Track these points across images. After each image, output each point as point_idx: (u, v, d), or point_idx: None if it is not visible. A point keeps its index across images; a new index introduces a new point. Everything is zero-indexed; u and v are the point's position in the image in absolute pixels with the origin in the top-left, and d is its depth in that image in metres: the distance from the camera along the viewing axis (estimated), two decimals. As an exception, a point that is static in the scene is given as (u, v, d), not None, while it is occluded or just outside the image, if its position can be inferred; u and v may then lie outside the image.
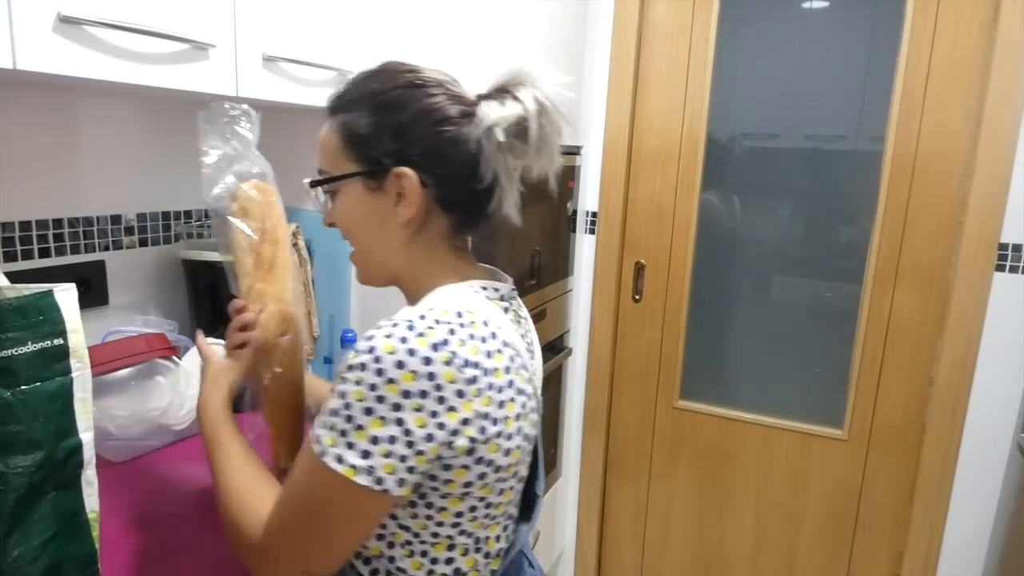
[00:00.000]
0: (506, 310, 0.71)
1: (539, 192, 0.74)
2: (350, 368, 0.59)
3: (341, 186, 0.73)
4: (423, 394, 0.58)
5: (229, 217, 0.83)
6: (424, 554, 0.67)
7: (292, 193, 1.50)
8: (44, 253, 1.18)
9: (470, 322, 0.63)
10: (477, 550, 0.69)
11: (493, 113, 0.66)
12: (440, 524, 0.65)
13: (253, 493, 0.69)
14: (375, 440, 0.58)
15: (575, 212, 1.89)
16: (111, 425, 1.07)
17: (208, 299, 1.36)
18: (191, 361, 1.26)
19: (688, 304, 1.91)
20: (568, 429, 2.06)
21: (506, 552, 0.73)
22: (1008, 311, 1.55)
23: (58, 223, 1.19)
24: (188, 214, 1.45)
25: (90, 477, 0.73)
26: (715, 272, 1.89)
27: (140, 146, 1.33)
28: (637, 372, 2.00)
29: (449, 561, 0.68)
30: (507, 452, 0.64)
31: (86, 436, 0.72)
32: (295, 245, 1.43)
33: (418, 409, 0.58)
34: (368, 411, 0.58)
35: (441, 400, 0.59)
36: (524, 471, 0.72)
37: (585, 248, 1.97)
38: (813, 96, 1.72)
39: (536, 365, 0.76)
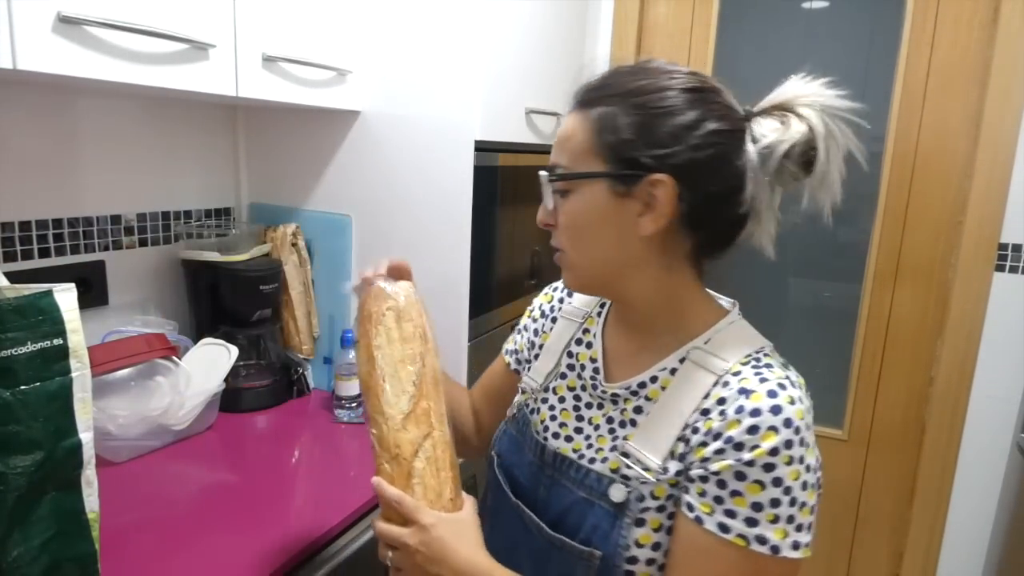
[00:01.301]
0: None
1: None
2: (775, 452, 0.55)
3: (581, 185, 0.64)
4: (819, 459, 0.59)
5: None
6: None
7: (293, 193, 1.50)
8: (44, 253, 1.18)
9: (782, 363, 0.62)
10: None
11: (773, 134, 0.60)
12: None
13: None
14: (812, 510, 0.58)
15: (575, 212, 1.89)
16: (111, 425, 1.07)
17: (208, 299, 1.36)
18: (191, 361, 1.26)
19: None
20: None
21: None
22: (1008, 311, 1.55)
23: (58, 223, 1.19)
24: (188, 214, 1.45)
25: (90, 477, 0.73)
26: (715, 272, 1.89)
27: (140, 146, 1.33)
28: (637, 372, 2.00)
29: None
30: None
31: (86, 436, 0.72)
32: (294, 245, 1.43)
33: (816, 470, 0.58)
34: (804, 485, 0.56)
35: (819, 459, 0.59)
36: None
37: (585, 248, 1.96)
38: (813, 96, 1.72)
39: None
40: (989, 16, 1.51)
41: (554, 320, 0.82)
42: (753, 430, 0.55)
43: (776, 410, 0.55)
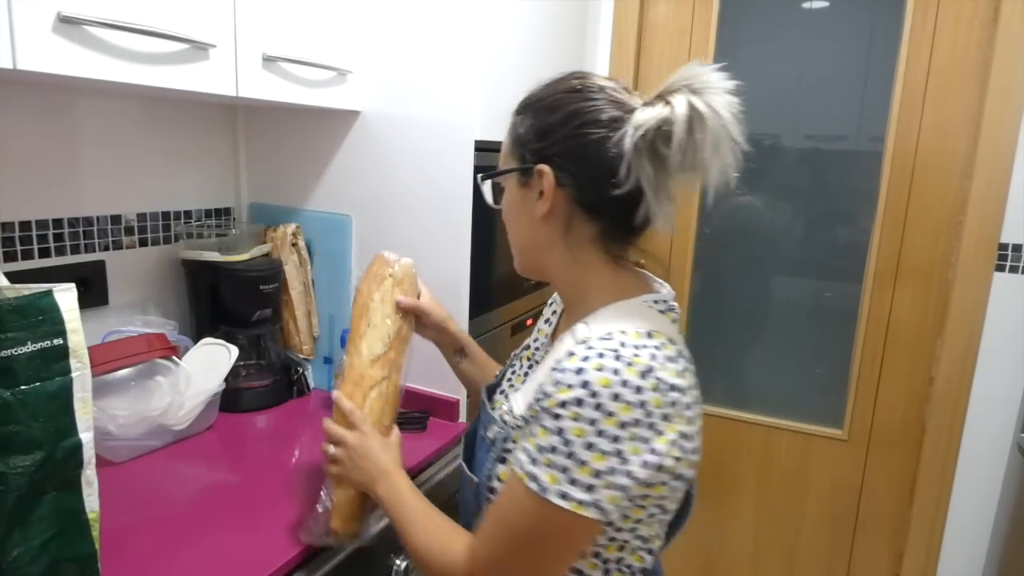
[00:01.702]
0: (674, 321, 0.72)
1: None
2: (563, 404, 0.61)
3: (505, 180, 0.76)
4: (636, 423, 0.60)
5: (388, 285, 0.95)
6: (597, 555, 0.69)
7: (293, 193, 1.50)
8: (44, 253, 1.18)
9: (661, 343, 0.64)
10: (646, 549, 0.71)
11: (640, 116, 0.65)
12: (619, 529, 0.67)
13: (447, 533, 0.73)
14: (598, 474, 0.60)
15: (575, 212, 1.89)
16: (111, 425, 1.07)
17: (208, 299, 1.36)
18: (191, 361, 1.26)
19: (688, 304, 1.91)
20: (568, 429, 2.06)
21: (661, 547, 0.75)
22: (1008, 311, 1.55)
23: (58, 223, 1.20)
24: (188, 214, 1.45)
25: (90, 477, 0.73)
26: (715, 272, 1.89)
27: (140, 146, 1.33)
28: (637, 372, 2.00)
29: (619, 560, 0.70)
30: (693, 465, 0.66)
31: (86, 436, 0.72)
32: (294, 245, 1.43)
33: (633, 439, 0.60)
34: (589, 446, 0.60)
35: (651, 427, 0.60)
36: None
37: (585, 248, 1.96)
38: (813, 96, 1.72)
39: None
40: (989, 16, 1.51)
41: (553, 312, 0.92)
42: (556, 383, 0.62)
43: (579, 371, 0.61)
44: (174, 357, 1.23)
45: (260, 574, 0.84)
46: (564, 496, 0.60)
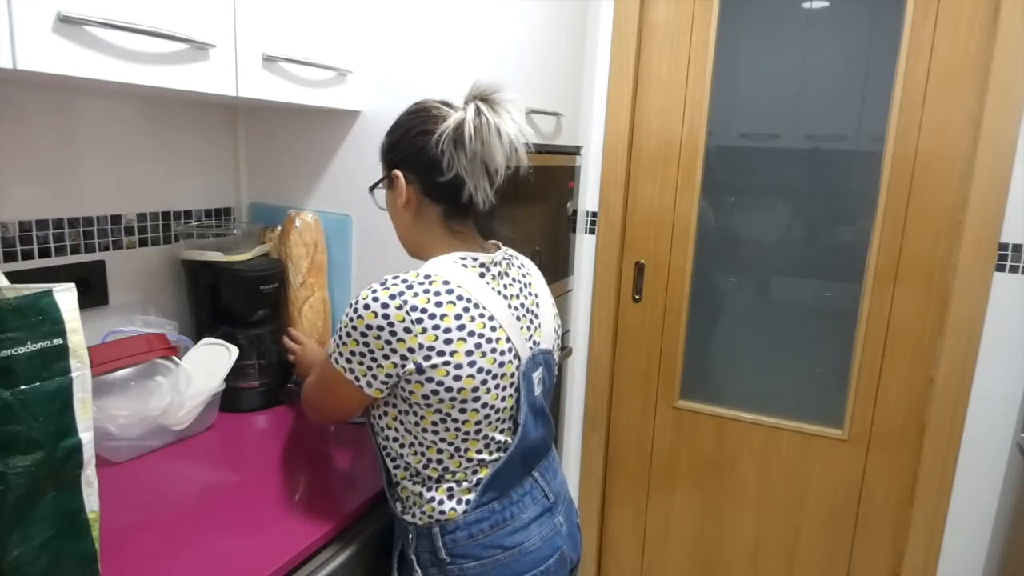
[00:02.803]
0: (482, 275, 0.90)
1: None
2: (348, 306, 0.86)
3: (382, 187, 1.00)
4: (379, 328, 0.83)
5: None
6: (422, 454, 0.91)
7: (293, 193, 1.50)
8: (44, 253, 1.18)
9: (431, 281, 0.86)
10: (459, 455, 0.90)
11: (447, 121, 0.88)
12: (424, 431, 0.89)
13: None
14: (352, 354, 0.86)
15: (575, 212, 1.89)
16: (111, 425, 1.07)
17: (208, 299, 1.36)
18: (191, 361, 1.26)
19: (688, 304, 1.91)
20: (568, 428, 2.07)
21: (495, 465, 0.92)
22: (1008, 311, 1.55)
23: (58, 223, 1.20)
24: (188, 214, 1.45)
25: (90, 477, 0.73)
26: (715, 272, 1.89)
27: (140, 146, 1.33)
28: (637, 372, 2.00)
29: (439, 462, 0.90)
30: (457, 378, 0.85)
31: (86, 436, 0.72)
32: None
33: (377, 337, 0.84)
34: (348, 335, 0.86)
35: (392, 333, 0.83)
36: (495, 402, 0.89)
37: (585, 248, 1.97)
38: (813, 96, 1.72)
39: (542, 320, 0.99)
40: (989, 16, 1.51)
41: None
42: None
43: (357, 294, 0.86)
44: (174, 357, 1.23)
45: (260, 574, 0.84)
46: (336, 361, 0.89)
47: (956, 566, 1.69)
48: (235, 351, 1.27)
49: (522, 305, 0.95)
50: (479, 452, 0.91)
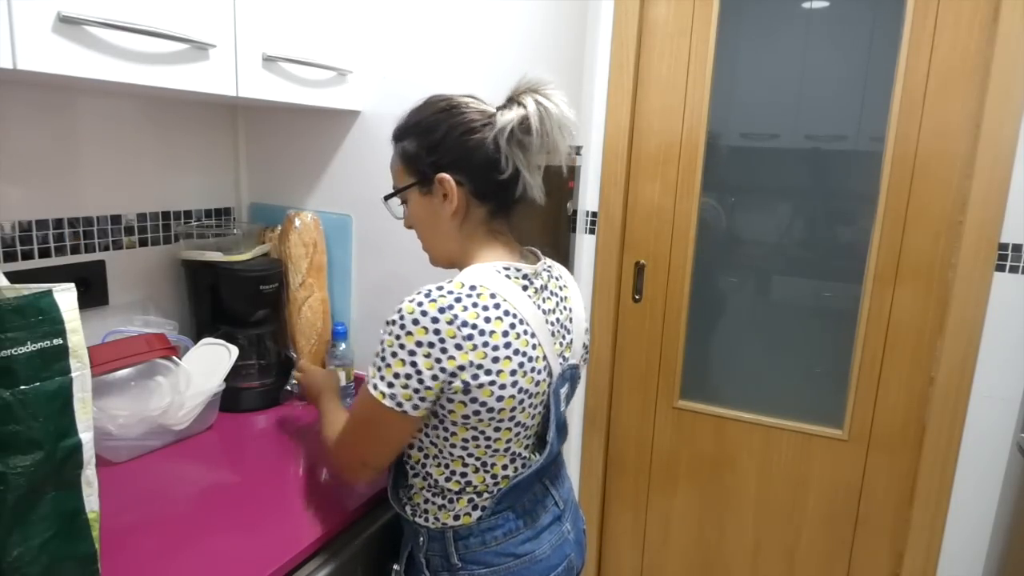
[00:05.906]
0: (525, 288, 0.87)
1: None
2: (387, 323, 0.80)
3: (407, 195, 0.93)
4: (430, 344, 0.78)
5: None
6: (446, 466, 0.88)
7: (293, 193, 1.51)
8: (44, 253, 1.18)
9: (478, 294, 0.81)
10: (485, 470, 0.88)
11: (504, 117, 0.84)
12: (453, 446, 0.86)
13: (337, 424, 0.96)
14: (396, 376, 0.79)
15: (575, 212, 1.89)
16: (111, 425, 1.07)
17: (208, 299, 1.36)
18: (191, 361, 1.26)
19: (688, 304, 1.91)
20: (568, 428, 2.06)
21: (515, 479, 0.90)
22: (1008, 311, 1.55)
23: (58, 223, 1.20)
24: (188, 214, 1.45)
25: (90, 477, 0.73)
26: (715, 272, 1.89)
27: (140, 146, 1.33)
28: (637, 372, 2.00)
29: (463, 475, 0.88)
30: (500, 398, 0.82)
31: (86, 436, 0.72)
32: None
33: (427, 356, 0.78)
34: (394, 354, 0.79)
35: (443, 350, 0.78)
36: (527, 420, 0.88)
37: (585, 248, 1.97)
38: (813, 96, 1.72)
39: (574, 336, 0.97)
40: (989, 16, 1.51)
41: None
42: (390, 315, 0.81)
43: (401, 302, 0.80)
44: (174, 357, 1.23)
45: (260, 574, 0.84)
46: (375, 387, 0.81)
47: (956, 566, 1.68)
48: (235, 351, 1.27)
49: (558, 320, 0.92)
50: (504, 468, 0.89)
